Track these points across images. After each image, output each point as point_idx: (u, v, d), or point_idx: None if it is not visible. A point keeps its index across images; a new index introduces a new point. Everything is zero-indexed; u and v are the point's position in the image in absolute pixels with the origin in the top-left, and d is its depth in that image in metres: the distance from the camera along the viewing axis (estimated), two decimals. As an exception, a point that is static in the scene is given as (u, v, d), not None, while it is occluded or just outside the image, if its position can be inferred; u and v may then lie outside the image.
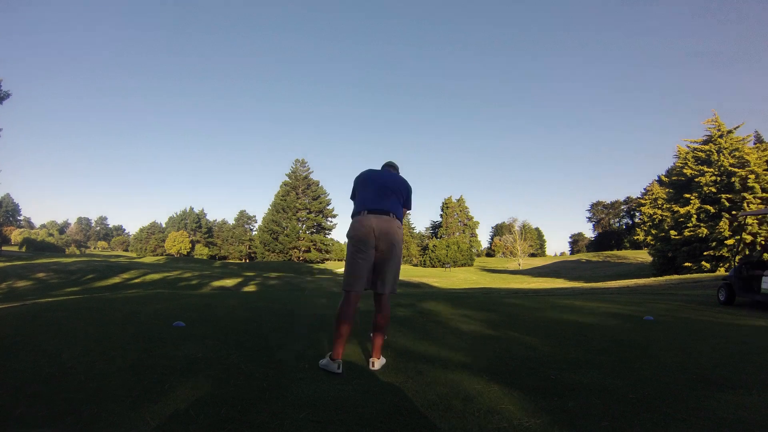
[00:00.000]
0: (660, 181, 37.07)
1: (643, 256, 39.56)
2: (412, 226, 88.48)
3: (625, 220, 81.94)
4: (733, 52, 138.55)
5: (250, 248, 69.84)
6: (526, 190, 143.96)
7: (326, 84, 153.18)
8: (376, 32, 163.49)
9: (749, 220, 21.28)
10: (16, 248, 74.82)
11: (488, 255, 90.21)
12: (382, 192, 3.13)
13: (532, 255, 76.37)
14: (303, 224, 68.95)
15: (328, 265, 63.31)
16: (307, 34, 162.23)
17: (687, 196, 24.71)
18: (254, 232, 76.05)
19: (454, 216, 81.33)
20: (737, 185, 22.47)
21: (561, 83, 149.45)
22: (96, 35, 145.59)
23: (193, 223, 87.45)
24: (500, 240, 79.20)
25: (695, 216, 24.03)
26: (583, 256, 59.40)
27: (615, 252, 57.70)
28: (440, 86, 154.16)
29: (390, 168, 3.58)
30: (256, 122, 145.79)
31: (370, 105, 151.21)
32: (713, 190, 23.31)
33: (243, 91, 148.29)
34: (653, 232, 28.37)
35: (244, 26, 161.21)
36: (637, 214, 63.53)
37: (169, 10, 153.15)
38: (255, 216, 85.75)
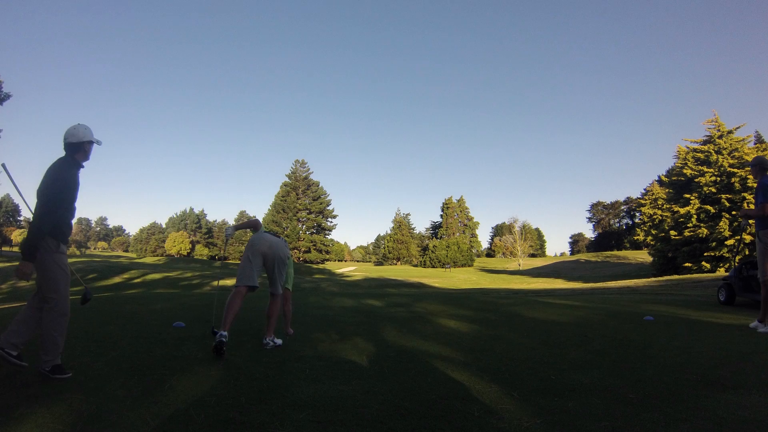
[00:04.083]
0: (660, 182, 37.09)
1: (643, 256, 39.55)
2: (413, 226, 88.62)
3: (625, 221, 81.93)
4: (733, 52, 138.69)
5: (250, 248, 69.93)
6: (526, 191, 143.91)
7: (327, 84, 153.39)
8: (377, 32, 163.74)
9: (749, 221, 21.29)
10: (16, 249, 74.80)
11: (488, 255, 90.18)
12: None
13: (532, 255, 76.32)
14: (303, 225, 68.95)
15: (328, 265, 63.31)
16: (309, 33, 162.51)
17: (687, 196, 24.70)
18: (254, 233, 75.99)
19: (455, 216, 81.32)
20: (737, 185, 22.48)
21: (561, 83, 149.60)
22: (95, 36, 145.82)
23: (193, 223, 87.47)
24: (500, 240, 79.17)
25: (695, 216, 24.02)
26: (583, 257, 59.36)
27: (615, 252, 57.64)
28: (440, 86, 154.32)
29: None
30: (256, 122, 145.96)
31: (371, 105, 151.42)
32: (713, 190, 23.32)
33: (243, 91, 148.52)
34: (653, 232, 28.32)
35: (245, 26, 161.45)
36: (637, 214, 63.49)
37: (169, 10, 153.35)
38: (255, 216, 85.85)
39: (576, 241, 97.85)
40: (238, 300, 3.39)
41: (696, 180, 24.25)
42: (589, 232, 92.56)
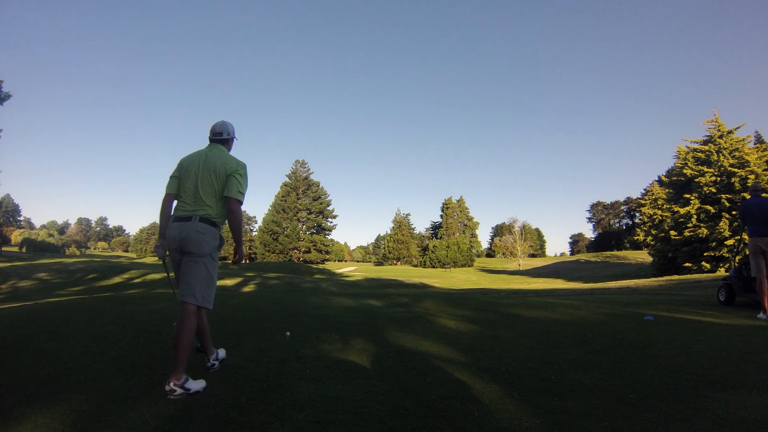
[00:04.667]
0: (660, 182, 37.05)
1: (643, 256, 39.53)
2: (413, 226, 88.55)
3: (625, 221, 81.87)
4: (733, 52, 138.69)
5: (250, 249, 69.89)
6: (526, 191, 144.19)
7: (327, 84, 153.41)
8: (377, 34, 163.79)
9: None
10: (16, 249, 74.80)
11: (488, 255, 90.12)
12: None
13: (532, 255, 76.27)
14: (303, 225, 68.92)
15: (328, 265, 63.28)
16: (309, 33, 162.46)
17: (687, 196, 24.68)
18: (254, 233, 76.03)
19: (455, 216, 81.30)
20: (737, 185, 22.47)
21: (561, 83, 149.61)
22: (95, 36, 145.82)
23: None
24: (500, 240, 79.11)
25: (695, 216, 24.00)
26: (583, 257, 59.30)
27: (615, 252, 57.55)
28: (441, 86, 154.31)
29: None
30: (256, 122, 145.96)
31: (371, 105, 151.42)
32: (713, 190, 23.30)
33: (243, 91, 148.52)
34: (653, 232, 28.29)
35: (245, 26, 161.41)
36: (637, 214, 63.49)
37: (169, 11, 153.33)
38: (255, 217, 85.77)
39: (576, 241, 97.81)
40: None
41: (696, 180, 24.22)
42: (589, 232, 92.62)
